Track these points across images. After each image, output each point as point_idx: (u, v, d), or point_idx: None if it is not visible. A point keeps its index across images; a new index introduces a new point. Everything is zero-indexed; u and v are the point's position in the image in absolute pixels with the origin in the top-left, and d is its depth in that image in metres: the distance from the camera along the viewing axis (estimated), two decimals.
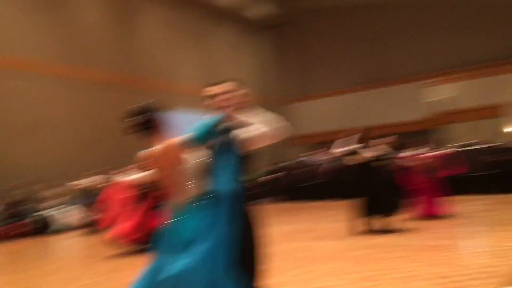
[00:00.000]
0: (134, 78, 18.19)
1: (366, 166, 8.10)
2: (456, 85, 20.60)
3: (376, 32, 23.31)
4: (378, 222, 8.03)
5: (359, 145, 8.23)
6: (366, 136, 8.37)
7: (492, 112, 19.54)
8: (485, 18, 20.58)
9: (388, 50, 22.87)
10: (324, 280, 5.01)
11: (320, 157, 18.88)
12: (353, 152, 8.21)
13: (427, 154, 9.93)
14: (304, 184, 17.98)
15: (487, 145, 15.08)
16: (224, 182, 2.89)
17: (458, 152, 11.43)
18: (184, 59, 20.79)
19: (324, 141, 19.15)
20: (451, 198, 9.55)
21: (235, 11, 23.84)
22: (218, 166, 2.93)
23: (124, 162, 9.70)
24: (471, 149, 15.07)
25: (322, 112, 24.37)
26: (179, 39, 20.70)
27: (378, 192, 7.92)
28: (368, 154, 8.10)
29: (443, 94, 20.83)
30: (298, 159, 19.65)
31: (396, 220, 8.17)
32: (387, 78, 22.77)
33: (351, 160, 8.33)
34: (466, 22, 20.99)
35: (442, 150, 11.17)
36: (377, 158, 8.12)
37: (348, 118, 23.22)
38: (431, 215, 9.26)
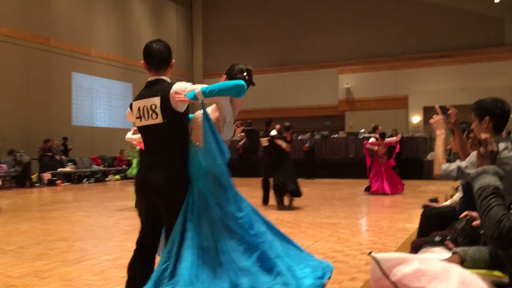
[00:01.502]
0: (49, 38, 17.28)
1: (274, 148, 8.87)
2: (370, 74, 21.64)
3: (295, 15, 23.63)
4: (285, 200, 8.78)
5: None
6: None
7: (399, 103, 20.84)
8: (403, 14, 21.67)
9: (306, 35, 23.31)
10: None
11: (236, 134, 19.00)
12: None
13: (389, 140, 11.73)
14: None
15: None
16: None
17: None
18: (102, 24, 19.90)
19: (237, 119, 19.20)
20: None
21: None
22: None
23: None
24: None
25: None
26: (96, 4, 19.68)
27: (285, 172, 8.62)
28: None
29: (357, 81, 21.79)
30: None
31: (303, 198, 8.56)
32: (303, 62, 23.31)
33: (264, 142, 9.05)
34: (385, 16, 21.96)
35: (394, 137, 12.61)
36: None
37: (263, 99, 23.63)
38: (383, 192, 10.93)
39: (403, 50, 21.50)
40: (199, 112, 2.71)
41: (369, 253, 1.74)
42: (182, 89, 2.60)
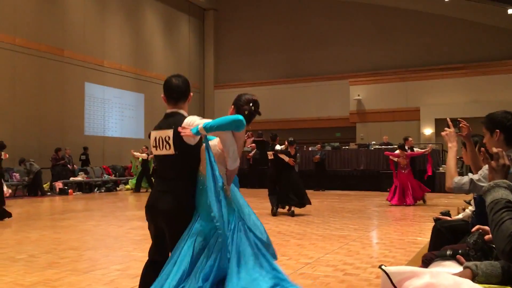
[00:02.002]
0: (62, 50, 17.63)
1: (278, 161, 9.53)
2: (381, 86, 21.61)
3: (306, 27, 23.73)
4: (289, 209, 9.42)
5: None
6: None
7: (411, 115, 20.76)
8: (415, 26, 21.65)
9: (317, 46, 23.37)
10: None
11: (247, 144, 19.08)
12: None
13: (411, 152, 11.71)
14: None
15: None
16: None
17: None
18: (114, 35, 20.19)
19: (248, 130, 19.24)
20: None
21: None
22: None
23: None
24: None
25: None
26: (109, 16, 19.98)
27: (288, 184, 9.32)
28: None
29: (368, 93, 21.75)
30: None
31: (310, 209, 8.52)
32: (314, 74, 23.35)
33: (270, 155, 9.69)
34: (397, 28, 21.96)
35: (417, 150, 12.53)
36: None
37: (274, 110, 23.68)
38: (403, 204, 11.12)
39: (415, 62, 21.46)
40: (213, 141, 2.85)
41: (380, 266, 1.73)
42: (190, 123, 2.75)
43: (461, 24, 20.86)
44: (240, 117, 2.69)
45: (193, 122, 2.75)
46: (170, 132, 2.79)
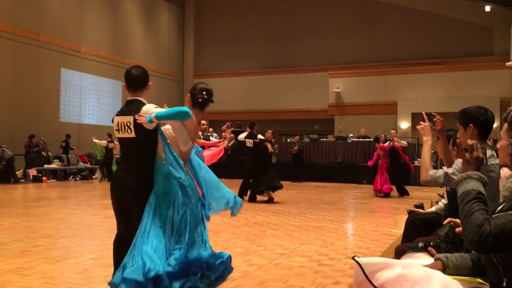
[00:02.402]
0: (38, 34, 17.22)
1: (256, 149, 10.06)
2: (360, 79, 21.76)
3: (287, 18, 23.69)
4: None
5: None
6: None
7: (388, 109, 20.98)
8: (395, 20, 21.83)
9: (298, 38, 23.36)
10: None
11: (225, 135, 19.04)
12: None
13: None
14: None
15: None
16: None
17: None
18: (93, 21, 19.80)
19: (228, 120, 19.19)
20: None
21: None
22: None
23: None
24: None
25: (227, 91, 24.42)
26: (88, 0, 19.60)
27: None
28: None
29: (347, 86, 21.89)
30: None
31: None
32: (294, 65, 23.37)
33: (250, 142, 10.11)
34: (377, 22, 22.09)
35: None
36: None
37: (253, 101, 23.67)
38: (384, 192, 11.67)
39: (394, 56, 21.66)
40: (165, 127, 3.20)
41: (353, 257, 1.74)
42: (147, 111, 3.12)
43: (440, 19, 21.11)
44: (186, 108, 3.08)
45: (149, 110, 3.11)
46: (130, 118, 3.15)
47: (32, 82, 17.00)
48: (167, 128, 3.21)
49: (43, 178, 14.99)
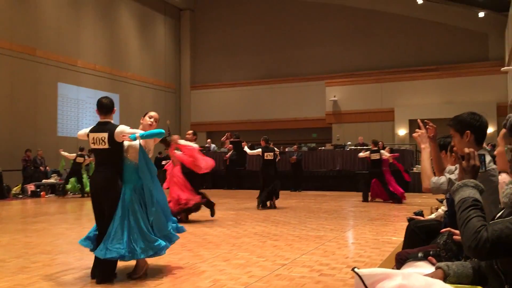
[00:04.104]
0: (34, 49, 17.33)
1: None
2: (357, 87, 21.82)
3: (283, 28, 23.85)
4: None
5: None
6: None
7: (386, 116, 21.02)
8: (390, 28, 21.99)
9: (294, 47, 23.50)
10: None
11: (225, 145, 19.10)
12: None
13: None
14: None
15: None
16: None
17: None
18: (89, 35, 19.90)
19: (226, 130, 19.21)
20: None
21: None
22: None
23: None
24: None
25: (224, 102, 24.48)
26: (84, 15, 19.68)
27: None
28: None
29: (344, 94, 21.95)
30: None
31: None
32: (291, 75, 23.46)
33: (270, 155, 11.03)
34: (373, 30, 22.26)
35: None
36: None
37: (251, 111, 23.71)
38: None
39: (390, 63, 21.76)
40: (133, 142, 4.51)
41: (353, 269, 1.73)
42: (123, 131, 4.42)
43: (434, 26, 21.25)
44: (162, 130, 4.62)
45: (124, 130, 4.43)
46: (105, 134, 4.44)
47: (29, 97, 17.02)
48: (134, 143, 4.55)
49: (42, 193, 14.94)
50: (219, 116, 24.39)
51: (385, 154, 12.66)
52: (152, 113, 4.91)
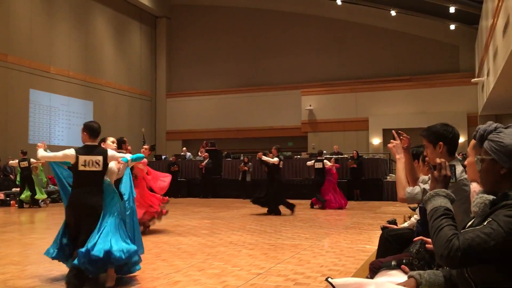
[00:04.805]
0: (6, 55, 16.98)
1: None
2: (332, 96, 22.04)
3: (260, 37, 23.98)
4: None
5: None
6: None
7: (360, 125, 21.27)
8: (365, 39, 22.33)
9: (271, 57, 23.65)
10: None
11: (200, 154, 18.99)
12: None
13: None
14: (181, 179, 18.09)
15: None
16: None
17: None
18: (63, 41, 19.59)
19: (201, 139, 19.11)
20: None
21: None
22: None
23: None
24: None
25: (200, 110, 24.41)
26: (57, 21, 19.38)
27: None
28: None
29: (319, 103, 22.14)
30: (174, 155, 19.48)
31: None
32: (267, 83, 23.57)
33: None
34: (348, 40, 22.57)
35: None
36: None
37: (227, 119, 23.69)
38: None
39: (364, 73, 22.09)
40: (112, 163, 4.89)
41: (326, 279, 1.73)
42: (114, 155, 4.84)
43: (407, 38, 21.70)
44: (143, 156, 5.78)
45: (115, 154, 4.86)
46: (100, 157, 4.69)
47: (0, 103, 16.62)
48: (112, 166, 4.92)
49: (11, 202, 14.55)
50: (195, 124, 24.29)
51: (327, 163, 13.45)
52: (112, 138, 5.44)
